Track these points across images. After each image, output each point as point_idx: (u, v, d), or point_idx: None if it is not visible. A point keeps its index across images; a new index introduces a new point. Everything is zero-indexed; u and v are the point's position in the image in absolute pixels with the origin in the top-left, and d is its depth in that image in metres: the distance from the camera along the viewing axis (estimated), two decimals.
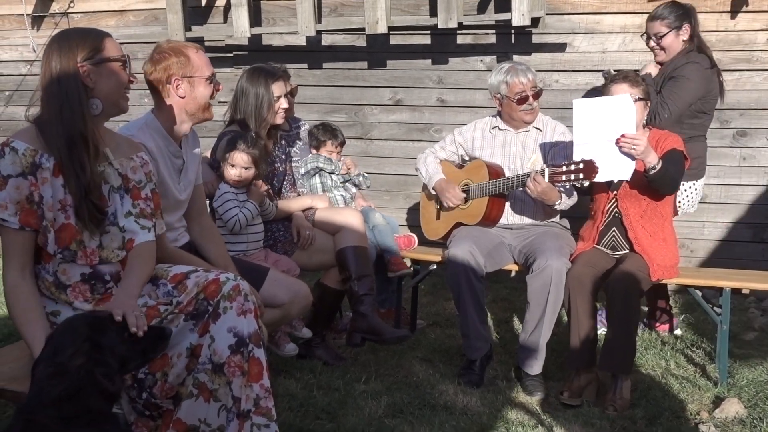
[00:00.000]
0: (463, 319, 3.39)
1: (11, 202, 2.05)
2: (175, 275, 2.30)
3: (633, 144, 3.12)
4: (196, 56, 2.69)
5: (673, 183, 3.25)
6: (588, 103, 3.28)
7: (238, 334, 2.18)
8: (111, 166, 2.24)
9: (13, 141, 2.08)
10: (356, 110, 5.36)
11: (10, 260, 2.10)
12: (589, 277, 3.22)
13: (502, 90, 3.60)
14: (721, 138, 4.83)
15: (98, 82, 2.17)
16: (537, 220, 3.62)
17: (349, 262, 3.45)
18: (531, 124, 3.65)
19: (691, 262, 4.89)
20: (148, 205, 2.33)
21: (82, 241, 2.15)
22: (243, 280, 2.29)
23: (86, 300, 2.19)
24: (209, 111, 2.76)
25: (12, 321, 2.13)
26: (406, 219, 5.32)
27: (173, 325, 2.19)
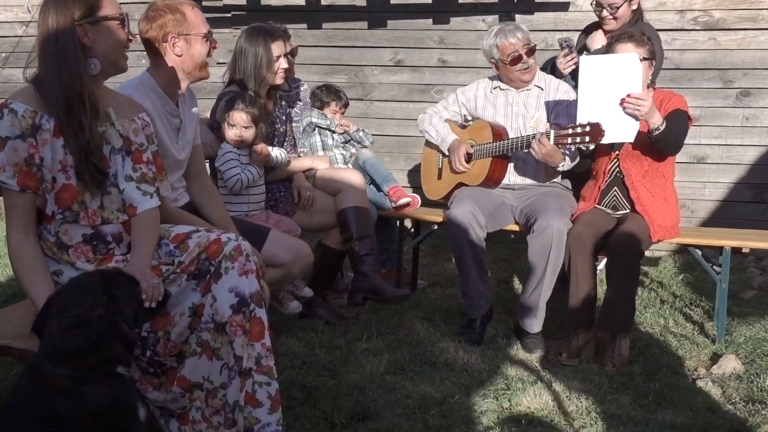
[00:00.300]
0: (464, 279, 3.41)
1: (9, 164, 2.04)
2: (177, 235, 2.30)
3: (638, 104, 3.10)
4: (192, 13, 2.65)
5: (676, 143, 3.24)
6: (595, 61, 3.25)
7: (239, 294, 2.19)
8: (113, 126, 2.22)
9: (12, 102, 2.06)
10: (356, 71, 5.31)
11: (13, 222, 2.10)
12: (590, 237, 3.23)
13: (495, 54, 3.57)
14: (724, 98, 4.81)
15: (96, 41, 2.13)
16: (539, 180, 3.61)
17: (350, 223, 3.46)
18: (531, 82, 3.62)
19: (691, 222, 4.90)
20: (150, 169, 2.31)
21: (84, 201, 2.15)
22: (244, 240, 2.30)
23: (88, 260, 2.19)
24: (206, 69, 2.72)
25: (17, 281, 2.14)
26: (407, 180, 5.32)
27: (175, 284, 2.20)
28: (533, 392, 2.78)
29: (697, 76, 4.82)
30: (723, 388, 2.83)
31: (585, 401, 2.71)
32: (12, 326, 2.26)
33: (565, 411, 2.66)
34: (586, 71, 3.22)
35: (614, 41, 3.32)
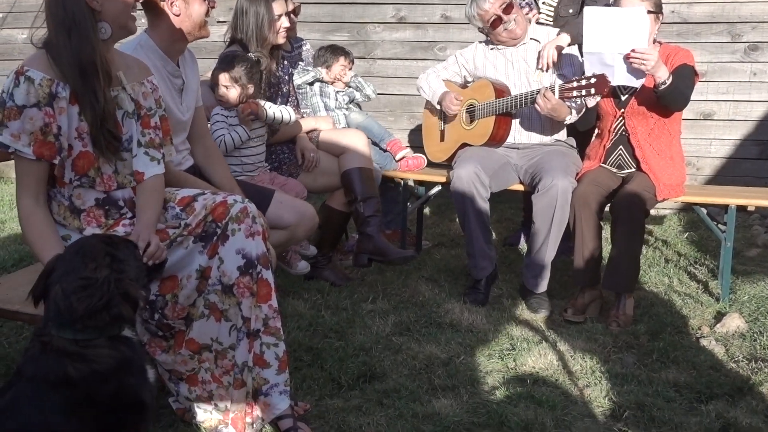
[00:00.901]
0: (469, 240, 3.42)
1: (24, 132, 2.03)
2: (183, 198, 2.30)
3: (643, 59, 3.06)
4: None
5: (683, 98, 3.20)
6: (600, 12, 3.18)
7: (246, 255, 2.20)
8: (124, 90, 2.21)
9: (29, 70, 2.03)
10: (358, 29, 5.23)
11: (25, 188, 2.10)
12: (595, 196, 3.22)
13: (477, 23, 3.55)
14: (732, 53, 4.74)
15: (104, 4, 2.09)
16: (544, 138, 3.58)
17: (354, 184, 3.45)
18: (522, 38, 3.56)
19: (696, 179, 4.88)
20: (157, 134, 2.30)
21: (99, 167, 2.16)
22: (250, 202, 2.30)
23: (99, 225, 2.20)
24: (205, 29, 2.69)
25: (28, 246, 2.16)
26: (410, 140, 5.29)
27: (182, 247, 2.21)
28: (538, 352, 2.81)
29: (705, 30, 4.75)
30: (726, 346, 2.85)
31: (590, 360, 2.74)
32: (21, 291, 2.26)
33: (570, 370, 2.68)
34: (590, 22, 3.16)
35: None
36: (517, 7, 3.54)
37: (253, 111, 3.18)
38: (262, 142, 3.32)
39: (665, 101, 3.16)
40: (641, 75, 3.14)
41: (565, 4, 3.71)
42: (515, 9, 3.51)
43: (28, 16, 5.69)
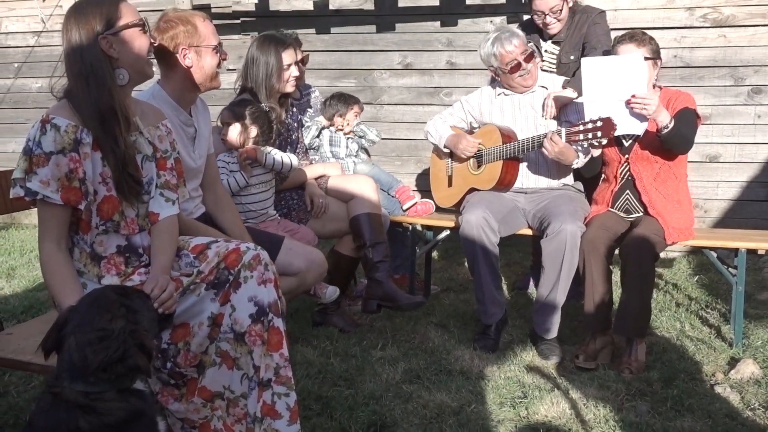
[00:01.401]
0: (478, 285, 3.41)
1: (53, 178, 2.05)
2: (196, 246, 2.32)
3: (644, 104, 3.10)
4: (203, 25, 2.65)
5: (686, 142, 3.22)
6: (597, 62, 3.24)
7: (258, 303, 2.20)
8: (142, 135, 2.25)
9: (55, 118, 2.07)
10: (365, 75, 5.31)
11: (47, 233, 2.11)
12: (604, 241, 3.22)
13: (494, 62, 3.55)
14: (736, 96, 4.78)
15: (121, 51, 2.13)
16: (551, 183, 3.60)
17: (363, 229, 3.46)
18: (532, 87, 3.60)
19: (705, 222, 4.87)
20: (173, 175, 2.34)
21: (123, 211, 2.18)
22: (263, 250, 2.31)
23: (118, 273, 2.21)
24: (217, 80, 2.74)
25: (49, 290, 2.15)
26: (417, 184, 5.32)
27: (194, 294, 2.22)
28: (550, 400, 2.77)
29: (708, 74, 4.80)
30: (741, 393, 2.82)
31: (603, 409, 2.70)
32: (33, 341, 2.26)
33: (583, 419, 2.65)
34: (588, 72, 3.22)
35: (616, 43, 3.32)
36: (535, 58, 3.58)
37: (251, 156, 3.19)
38: (267, 188, 3.32)
39: (669, 145, 3.18)
40: (643, 120, 3.17)
41: (567, 51, 3.77)
42: (534, 60, 3.56)
43: (42, 66, 5.80)
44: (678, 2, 4.76)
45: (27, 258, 4.86)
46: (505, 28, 3.60)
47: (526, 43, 3.55)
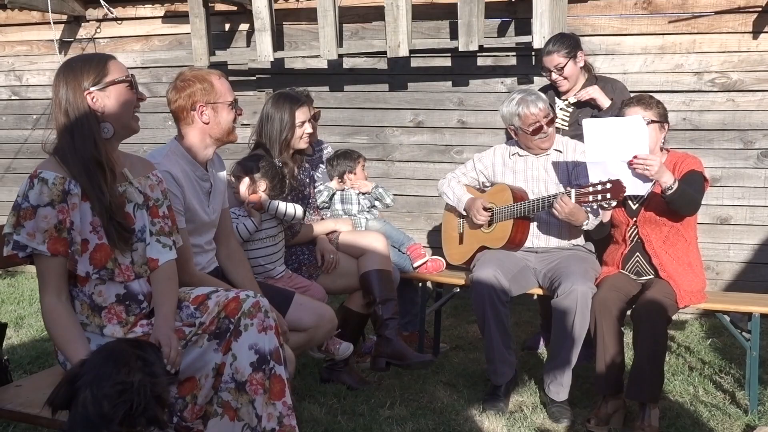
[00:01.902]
0: (488, 344, 3.38)
1: (39, 231, 2.09)
2: (197, 297, 2.35)
3: (646, 164, 3.13)
4: (219, 83, 2.74)
5: (692, 203, 3.22)
6: (598, 123, 3.28)
7: (259, 351, 2.21)
8: (131, 185, 2.30)
9: (42, 172, 2.12)
10: (377, 132, 5.39)
11: (47, 285, 2.14)
12: (616, 302, 3.19)
13: (515, 122, 3.60)
14: (745, 159, 4.80)
15: (107, 105, 2.20)
16: (562, 243, 3.60)
17: (373, 286, 3.46)
18: (549, 149, 3.64)
19: (716, 284, 4.84)
20: (166, 222, 2.38)
21: (116, 258, 2.21)
22: (263, 297, 2.33)
23: (120, 322, 2.23)
24: (233, 134, 2.82)
25: (53, 341, 2.17)
26: (428, 240, 5.33)
27: (197, 346, 2.23)
28: None
29: (717, 137, 4.83)
30: None
31: None
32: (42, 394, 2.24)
33: None
34: (590, 134, 3.26)
35: (623, 106, 3.37)
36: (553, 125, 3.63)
37: (255, 201, 3.21)
38: (275, 242, 3.32)
39: (674, 206, 3.19)
40: (646, 181, 3.20)
41: (585, 114, 3.82)
42: (554, 124, 3.61)
43: None
44: (686, 67, 4.83)
45: (35, 307, 4.86)
46: (530, 90, 3.66)
47: (549, 108, 3.61)
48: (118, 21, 5.77)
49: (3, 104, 6.15)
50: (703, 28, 4.78)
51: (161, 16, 5.68)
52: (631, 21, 4.89)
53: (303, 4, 5.36)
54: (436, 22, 5.18)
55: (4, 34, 6.07)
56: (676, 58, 4.84)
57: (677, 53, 4.83)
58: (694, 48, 4.81)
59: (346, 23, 5.28)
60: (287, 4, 5.40)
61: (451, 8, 4.91)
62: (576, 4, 4.92)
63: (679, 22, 4.81)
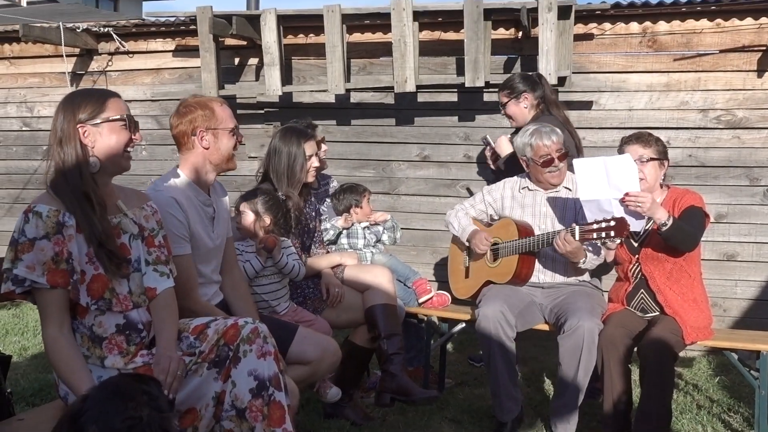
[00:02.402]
0: (494, 380, 3.35)
1: (38, 263, 2.11)
2: (196, 327, 2.36)
3: (638, 201, 3.14)
4: (220, 109, 2.78)
5: (689, 239, 3.22)
6: (588, 163, 3.32)
7: (258, 377, 2.22)
8: (126, 216, 2.32)
9: (36, 206, 2.15)
10: (384, 166, 5.42)
11: (48, 318, 2.15)
12: (622, 339, 3.18)
13: (527, 152, 3.62)
14: (752, 196, 4.80)
15: (97, 141, 2.23)
16: (568, 278, 3.59)
17: (378, 321, 3.45)
18: (559, 185, 3.65)
19: (724, 321, 4.80)
20: (162, 251, 2.40)
21: (114, 288, 2.22)
22: (261, 323, 2.33)
23: (121, 352, 2.23)
24: (232, 161, 2.84)
25: (57, 374, 2.16)
26: (434, 274, 5.31)
27: (197, 375, 2.23)
28: None
29: (723, 174, 4.84)
30: None
31: None
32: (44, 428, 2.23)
33: None
34: (581, 173, 3.31)
35: (623, 143, 3.40)
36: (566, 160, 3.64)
37: (268, 245, 3.19)
38: (279, 279, 3.31)
39: (671, 242, 3.19)
40: (640, 218, 3.21)
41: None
42: (566, 160, 3.63)
43: None
44: (692, 104, 4.87)
45: (40, 338, 4.83)
46: (545, 124, 3.69)
47: (563, 144, 3.63)
48: (129, 54, 5.86)
49: (14, 135, 6.22)
50: (708, 66, 4.83)
51: (172, 50, 5.77)
52: (637, 59, 4.95)
53: (312, 39, 5.44)
54: (443, 58, 5.24)
55: (17, 66, 6.17)
56: (681, 96, 4.88)
57: (682, 90, 4.87)
58: (699, 86, 4.85)
59: (353, 58, 5.35)
60: (296, 39, 5.48)
61: (458, 45, 4.98)
62: (582, 42, 4.98)
63: (684, 60, 4.86)
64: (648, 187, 3.32)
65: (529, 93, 4.05)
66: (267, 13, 5.07)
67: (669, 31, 4.87)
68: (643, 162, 3.31)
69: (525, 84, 4.06)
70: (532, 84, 4.07)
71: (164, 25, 5.65)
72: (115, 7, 18.18)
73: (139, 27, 5.74)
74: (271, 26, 5.06)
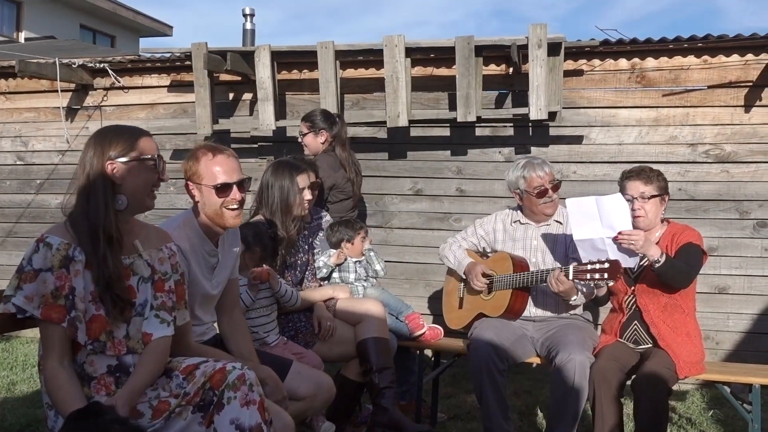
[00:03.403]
0: (486, 415, 3.33)
1: (37, 295, 2.09)
2: (187, 366, 2.29)
3: (630, 239, 3.17)
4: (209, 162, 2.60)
5: (682, 276, 3.24)
6: (580, 203, 3.34)
7: (240, 426, 2.14)
8: (140, 257, 2.28)
9: (48, 237, 2.14)
10: (377, 199, 5.45)
11: (50, 351, 2.12)
12: (614, 372, 3.17)
13: (521, 185, 3.65)
14: (742, 229, 4.84)
15: (126, 179, 2.21)
16: (559, 313, 3.60)
17: (370, 354, 3.43)
18: (552, 216, 3.68)
19: (717, 354, 4.80)
20: (170, 297, 2.34)
21: (111, 331, 2.19)
22: (249, 369, 2.25)
23: (108, 393, 2.19)
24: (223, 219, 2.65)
25: (55, 406, 2.11)
26: (427, 307, 5.31)
27: (182, 418, 2.18)
28: None
29: (713, 207, 4.89)
30: None
31: None
32: None
33: None
34: (574, 212, 3.33)
35: (624, 178, 3.43)
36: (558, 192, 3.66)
37: (263, 278, 3.20)
38: (269, 312, 3.31)
39: (664, 279, 3.22)
40: (633, 255, 3.24)
41: None
42: (558, 191, 3.66)
43: (63, 183, 6.00)
44: (680, 138, 4.93)
45: (29, 373, 4.81)
46: (536, 156, 3.74)
47: (554, 175, 3.66)
48: (124, 89, 5.92)
49: (8, 169, 6.24)
50: (696, 102, 4.91)
51: (167, 85, 5.84)
52: (626, 94, 5.03)
53: (306, 74, 5.51)
54: (435, 93, 5.31)
55: (12, 102, 6.22)
56: (670, 130, 4.95)
57: (671, 125, 4.95)
58: (688, 120, 4.93)
59: (347, 93, 5.42)
60: (290, 74, 5.55)
61: (450, 80, 5.05)
62: (572, 78, 5.06)
63: (673, 96, 4.94)
64: (648, 224, 3.35)
65: (326, 131, 4.34)
66: (261, 50, 5.15)
67: (657, 68, 4.96)
68: (644, 199, 3.34)
69: (325, 122, 4.35)
70: (331, 123, 4.36)
71: (160, 61, 5.72)
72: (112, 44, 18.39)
73: (135, 63, 5.81)
74: (265, 62, 5.13)
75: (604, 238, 3.24)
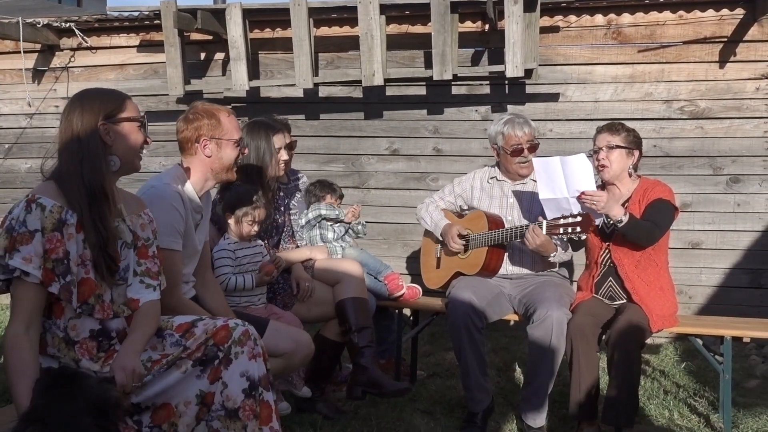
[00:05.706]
0: (464, 371, 3.37)
1: (36, 255, 2.07)
2: (180, 325, 2.35)
3: (593, 200, 3.20)
4: (227, 120, 2.81)
5: (647, 235, 3.27)
6: (545, 162, 3.38)
7: (250, 378, 2.26)
8: (124, 222, 2.30)
9: (41, 198, 2.11)
10: (353, 160, 5.40)
11: (18, 314, 2.09)
12: (591, 327, 3.22)
13: (499, 141, 3.64)
14: (715, 185, 4.89)
15: (116, 140, 2.24)
16: (536, 270, 3.63)
17: (348, 314, 3.44)
18: (527, 177, 3.68)
19: (689, 308, 4.89)
20: (154, 263, 2.37)
21: (101, 295, 2.20)
22: (250, 325, 2.36)
23: (92, 358, 2.20)
24: (232, 172, 2.86)
25: (5, 372, 2.09)
26: (405, 267, 5.32)
27: (180, 370, 2.22)
28: None
29: (687, 164, 4.92)
30: None
31: None
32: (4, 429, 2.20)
33: None
34: (539, 171, 3.37)
35: (596, 133, 3.45)
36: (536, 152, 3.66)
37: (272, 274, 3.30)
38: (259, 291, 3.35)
39: (628, 238, 3.27)
40: (597, 215, 3.28)
41: None
42: (535, 152, 3.65)
43: (32, 147, 5.87)
44: (656, 95, 4.94)
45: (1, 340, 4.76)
46: (520, 115, 3.73)
47: (535, 136, 3.65)
48: (92, 50, 5.76)
49: None
50: (671, 58, 4.90)
51: (136, 45, 5.69)
52: (602, 50, 5.00)
53: (278, 33, 5.40)
54: (411, 51, 5.24)
55: None
56: (645, 87, 4.94)
57: (647, 82, 4.94)
58: (663, 77, 4.92)
59: (321, 52, 5.32)
60: (263, 33, 5.44)
61: (425, 38, 4.98)
62: (548, 34, 5.02)
63: (648, 52, 4.93)
64: (612, 175, 3.38)
65: None
66: (232, 8, 5.02)
67: (633, 23, 4.93)
68: (610, 149, 3.36)
69: None
70: None
71: (128, 20, 5.55)
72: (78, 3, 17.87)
73: (102, 22, 5.64)
74: (236, 20, 5.01)
75: (568, 198, 3.29)
